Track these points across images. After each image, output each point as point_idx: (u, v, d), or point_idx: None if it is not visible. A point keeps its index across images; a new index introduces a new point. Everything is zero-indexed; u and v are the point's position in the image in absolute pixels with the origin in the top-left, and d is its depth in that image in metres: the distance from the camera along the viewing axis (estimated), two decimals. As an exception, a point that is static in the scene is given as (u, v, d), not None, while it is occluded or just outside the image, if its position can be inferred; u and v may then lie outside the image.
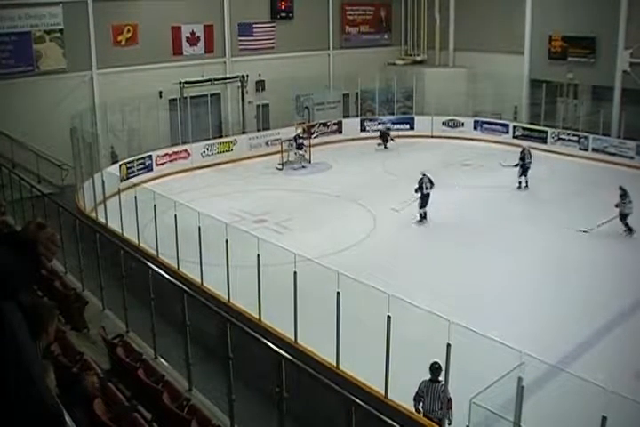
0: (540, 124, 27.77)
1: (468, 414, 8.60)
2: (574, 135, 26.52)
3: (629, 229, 16.89)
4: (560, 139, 26.80)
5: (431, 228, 17.56)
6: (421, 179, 17.98)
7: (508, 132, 28.21)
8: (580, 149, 26.18)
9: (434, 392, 8.81)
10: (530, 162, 21.20)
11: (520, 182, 21.16)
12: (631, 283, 14.08)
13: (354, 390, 9.10)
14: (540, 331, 11.76)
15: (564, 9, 27.39)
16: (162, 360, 8.75)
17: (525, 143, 23.30)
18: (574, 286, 13.93)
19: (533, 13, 28.47)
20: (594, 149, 25.77)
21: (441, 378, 8.88)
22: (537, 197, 20.78)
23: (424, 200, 17.85)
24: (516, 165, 21.00)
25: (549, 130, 27.22)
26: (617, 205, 16.87)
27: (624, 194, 16.97)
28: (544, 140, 27.13)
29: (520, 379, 8.39)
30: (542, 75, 28.60)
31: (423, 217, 17.99)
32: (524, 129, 27.95)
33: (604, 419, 7.35)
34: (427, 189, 17.83)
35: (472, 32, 29.73)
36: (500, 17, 28.98)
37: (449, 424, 8.75)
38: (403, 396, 9.52)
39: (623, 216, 16.88)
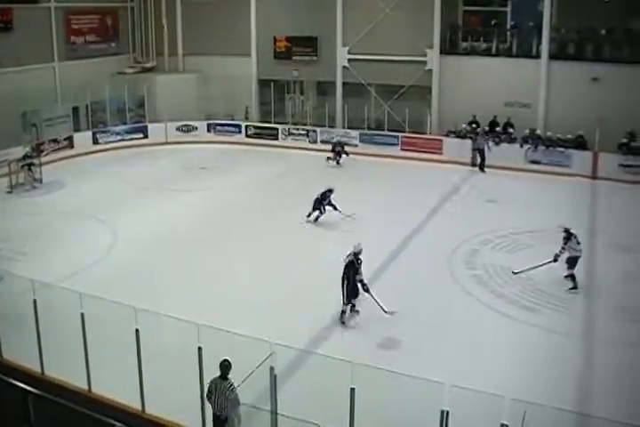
0: (270, 122, 28.98)
1: (226, 412, 8.79)
2: (303, 129, 28.06)
3: (573, 283, 14.17)
4: (291, 134, 28.14)
5: (176, 234, 17.46)
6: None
7: (240, 132, 29.01)
8: (310, 141, 27.78)
9: (221, 390, 8.79)
10: None
11: None
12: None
13: (109, 411, 8.91)
14: (286, 319, 12.26)
15: (286, 11, 28.87)
16: None
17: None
18: (305, 277, 14.56)
19: (258, 16, 29.60)
20: (322, 141, 27.50)
21: (230, 376, 8.80)
22: (275, 192, 21.49)
23: None
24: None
25: (280, 126, 28.47)
26: (559, 253, 14.22)
27: (568, 237, 14.31)
28: (276, 137, 28.39)
29: (272, 368, 8.66)
30: (270, 74, 29.85)
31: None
32: (256, 128, 29.00)
33: (352, 390, 7.92)
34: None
35: (200, 36, 30.09)
36: (227, 21, 29.68)
37: (238, 423, 8.75)
38: (164, 407, 9.47)
39: (571, 260, 14.27)
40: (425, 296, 13.60)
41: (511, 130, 25.42)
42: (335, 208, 18.21)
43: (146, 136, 28.24)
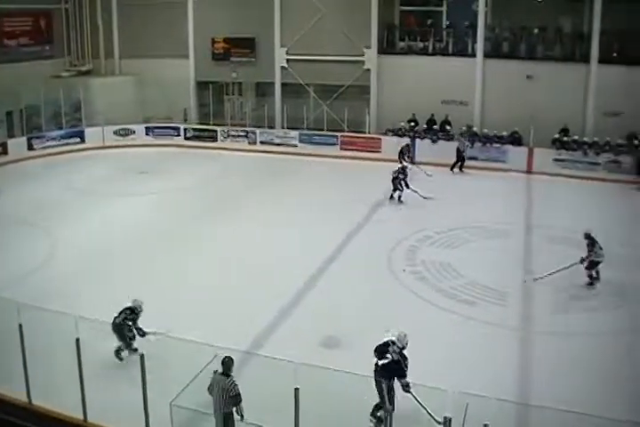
0: (209, 124, 28.88)
1: (170, 418, 8.78)
2: (242, 131, 28.06)
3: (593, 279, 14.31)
4: (230, 135, 28.09)
5: (118, 239, 17.21)
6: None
7: (179, 135, 28.83)
8: (249, 143, 27.80)
9: (223, 387, 8.73)
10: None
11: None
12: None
13: (51, 424, 8.77)
14: (231, 321, 12.19)
15: (223, 12, 28.70)
16: None
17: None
18: (250, 277, 14.51)
19: (195, 18, 29.37)
20: (262, 142, 27.59)
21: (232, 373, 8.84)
22: (216, 194, 21.39)
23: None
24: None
25: (219, 128, 28.40)
26: (584, 259, 14.10)
27: (592, 243, 14.13)
28: (215, 139, 28.36)
29: (215, 372, 8.69)
30: (208, 76, 29.69)
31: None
32: (195, 130, 28.86)
33: (296, 390, 7.97)
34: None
35: (137, 39, 29.69)
36: (164, 23, 29.35)
37: (241, 419, 8.79)
38: (108, 417, 9.39)
39: (592, 264, 14.18)
40: (366, 294, 13.73)
41: (448, 127, 25.90)
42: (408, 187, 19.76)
43: (83, 141, 27.71)
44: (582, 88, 25.16)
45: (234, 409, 8.70)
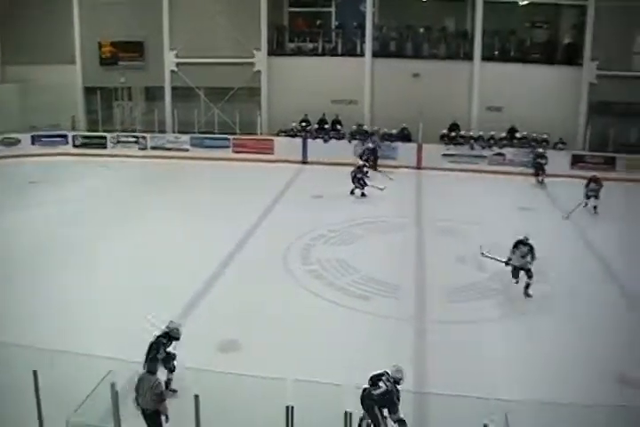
0: (98, 130, 28.25)
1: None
2: (133, 137, 27.58)
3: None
4: (120, 142, 27.54)
5: (8, 255, 16.41)
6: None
7: (67, 143, 27.99)
8: (140, 148, 27.37)
9: (149, 385, 8.58)
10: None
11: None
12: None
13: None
14: (124, 331, 11.80)
15: (110, 16, 27.88)
16: None
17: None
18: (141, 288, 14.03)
19: (81, 22, 28.44)
20: (153, 147, 27.21)
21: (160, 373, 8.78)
22: (107, 202, 20.75)
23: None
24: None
25: (108, 135, 27.83)
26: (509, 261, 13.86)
27: (531, 248, 13.63)
28: (104, 146, 27.75)
29: (113, 384, 8.44)
30: (96, 81, 28.92)
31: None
32: (84, 137, 28.12)
33: (196, 397, 7.86)
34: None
35: (21, 45, 28.45)
36: (48, 28, 28.21)
37: (166, 420, 8.65)
38: None
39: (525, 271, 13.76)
40: (263, 296, 13.61)
41: (339, 126, 26.31)
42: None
43: (-37, 153, 26.49)
44: (467, 85, 26.21)
45: (159, 408, 8.61)
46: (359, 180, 21.03)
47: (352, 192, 21.09)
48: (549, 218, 19.32)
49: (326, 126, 26.38)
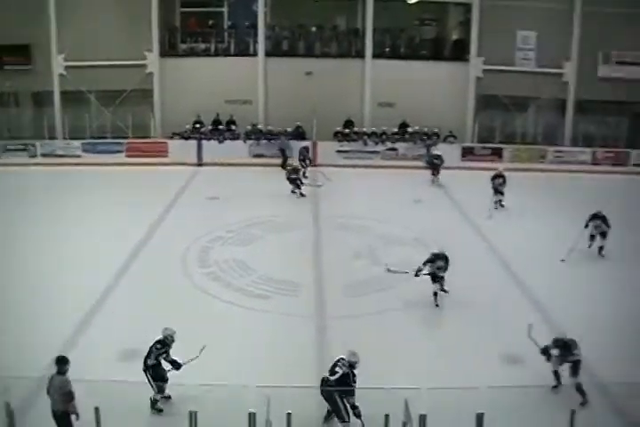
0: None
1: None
2: (21, 144, 26.40)
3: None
4: (7, 150, 26.19)
5: None
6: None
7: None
8: (30, 156, 26.23)
9: (58, 385, 8.50)
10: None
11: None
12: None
13: None
14: (18, 347, 11.44)
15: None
16: None
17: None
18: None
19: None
20: (43, 155, 26.19)
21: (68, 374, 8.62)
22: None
23: None
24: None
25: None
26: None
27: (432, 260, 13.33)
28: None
29: (7, 404, 8.50)
30: (-21, 87, 27.65)
31: None
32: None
33: (96, 410, 8.00)
34: None
35: None
36: None
37: (77, 419, 8.54)
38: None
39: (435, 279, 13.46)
40: (162, 300, 13.41)
41: (234, 127, 26.31)
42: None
43: None
44: (359, 82, 26.78)
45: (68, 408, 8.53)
46: (294, 180, 21.13)
47: (293, 191, 21.19)
48: (442, 208, 20.12)
49: (221, 127, 26.30)
